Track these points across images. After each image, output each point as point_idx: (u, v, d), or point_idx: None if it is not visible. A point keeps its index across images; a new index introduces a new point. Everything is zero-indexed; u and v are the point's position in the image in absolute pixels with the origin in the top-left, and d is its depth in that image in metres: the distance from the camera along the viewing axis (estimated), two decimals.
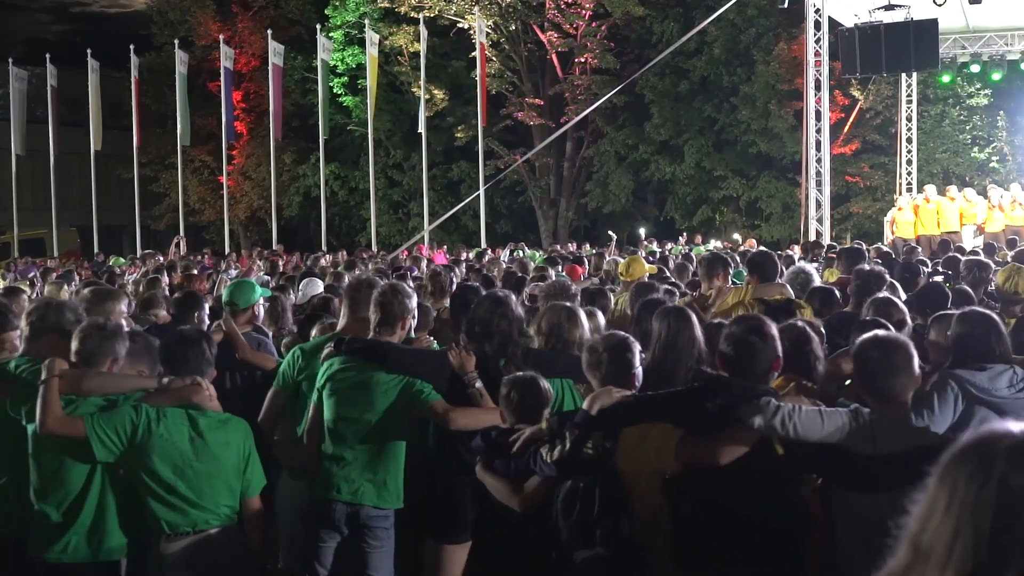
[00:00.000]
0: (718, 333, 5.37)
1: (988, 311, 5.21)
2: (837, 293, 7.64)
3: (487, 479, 4.62)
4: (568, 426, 4.20)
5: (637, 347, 4.59)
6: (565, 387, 5.25)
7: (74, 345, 4.77)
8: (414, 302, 5.55)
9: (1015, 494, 1.76)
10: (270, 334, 7.20)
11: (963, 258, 10.67)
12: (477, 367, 5.10)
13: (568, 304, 5.84)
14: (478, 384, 5.05)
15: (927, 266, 10.80)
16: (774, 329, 4.29)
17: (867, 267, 8.08)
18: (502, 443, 4.53)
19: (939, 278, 8.50)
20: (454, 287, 8.49)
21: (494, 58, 36.36)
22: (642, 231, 33.47)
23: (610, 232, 23.49)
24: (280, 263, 18.95)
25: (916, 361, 4.12)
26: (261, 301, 7.23)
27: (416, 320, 5.85)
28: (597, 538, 4.17)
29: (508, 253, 21.63)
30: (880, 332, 4.36)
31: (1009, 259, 11.72)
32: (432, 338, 6.03)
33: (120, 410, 4.55)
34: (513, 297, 5.50)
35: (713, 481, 3.96)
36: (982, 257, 10.67)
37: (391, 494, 5.19)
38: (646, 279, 9.00)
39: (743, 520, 3.91)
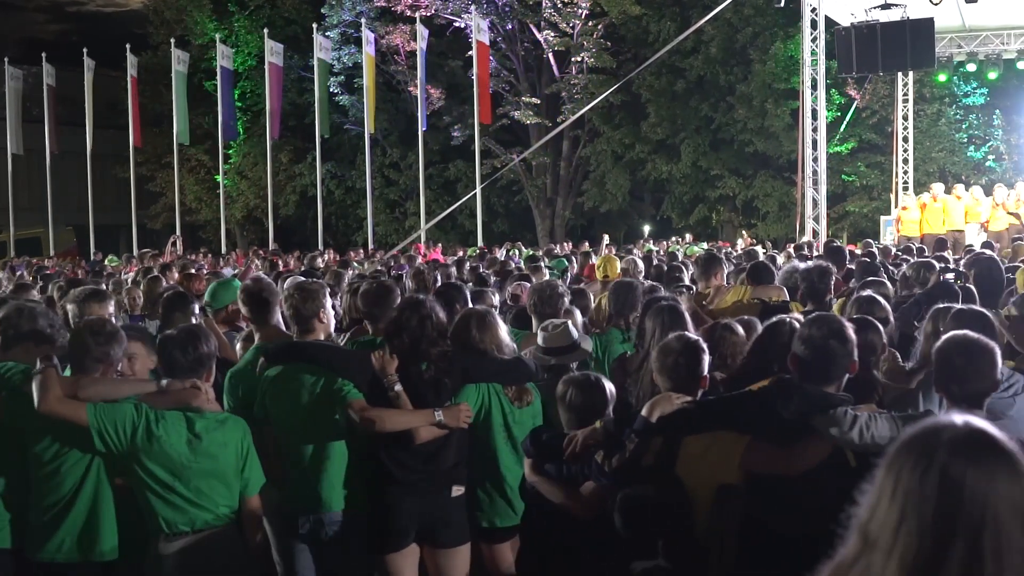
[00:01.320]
0: (724, 333, 5.37)
1: (984, 310, 5.20)
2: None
3: (540, 483, 4.53)
4: (627, 433, 4.05)
5: (705, 351, 4.43)
6: (492, 391, 5.25)
7: (71, 349, 4.75)
8: (326, 300, 5.49)
9: (955, 483, 1.82)
10: None
11: (911, 259, 10.71)
12: (399, 370, 5.06)
13: (481, 308, 5.82)
14: (398, 387, 5.00)
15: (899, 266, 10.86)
16: (852, 332, 4.08)
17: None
18: (555, 446, 4.43)
19: (950, 276, 8.49)
20: (438, 285, 8.46)
21: (491, 57, 36.36)
22: (647, 228, 33.46)
23: (604, 235, 23.50)
24: (280, 263, 18.95)
25: (1000, 364, 4.01)
26: None
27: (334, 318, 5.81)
28: (659, 549, 4.03)
29: (504, 252, 21.63)
30: (967, 333, 4.19)
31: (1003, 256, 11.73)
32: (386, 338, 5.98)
33: (122, 406, 4.52)
34: (432, 299, 5.46)
35: (782, 492, 3.80)
36: (929, 258, 10.65)
37: (333, 496, 5.14)
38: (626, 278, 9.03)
39: (811, 534, 3.72)
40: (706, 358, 4.37)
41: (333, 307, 5.91)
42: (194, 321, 6.79)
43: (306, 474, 5.14)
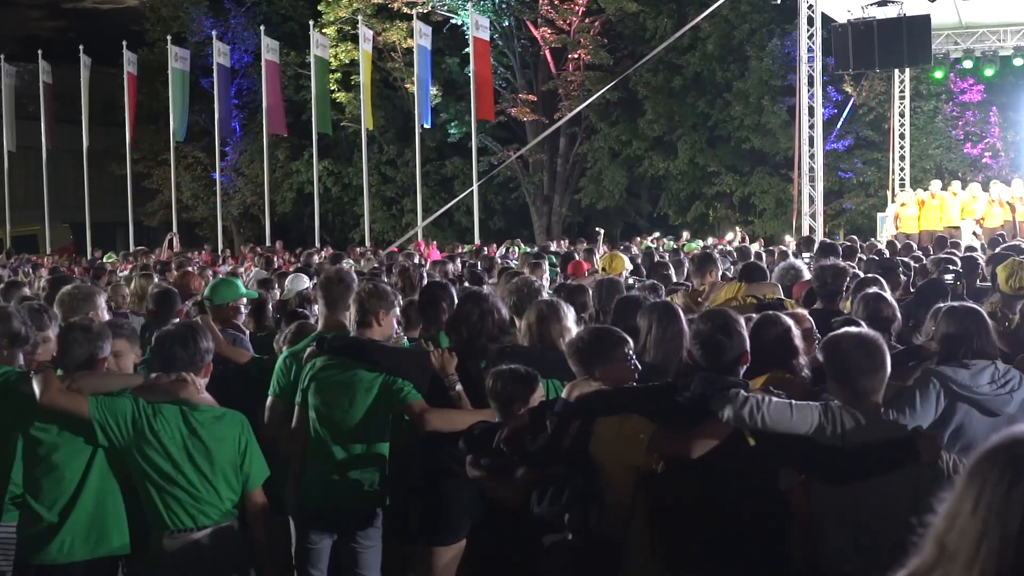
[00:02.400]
0: None
1: (976, 307, 5.20)
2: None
3: (477, 476, 4.62)
4: (548, 415, 4.20)
5: (626, 340, 4.56)
6: (552, 387, 5.24)
7: (60, 348, 4.75)
8: (395, 299, 5.51)
9: None
10: (247, 332, 7.17)
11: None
12: (458, 369, 5.06)
13: (551, 299, 5.82)
14: (458, 387, 5.02)
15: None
16: (741, 324, 4.29)
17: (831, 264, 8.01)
18: (488, 440, 4.52)
19: (949, 277, 8.49)
20: (424, 283, 8.44)
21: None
22: (649, 226, 33.40)
23: (597, 228, 23.48)
24: (276, 259, 18.94)
25: (889, 358, 4.10)
26: (244, 301, 7.22)
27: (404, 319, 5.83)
28: (566, 524, 4.21)
29: (504, 250, 21.63)
30: (855, 328, 4.34)
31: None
32: (404, 336, 6.00)
33: (121, 399, 4.53)
34: (493, 294, 5.47)
35: (686, 474, 3.96)
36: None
37: (377, 493, 5.18)
38: (613, 275, 9.04)
39: (717, 512, 3.91)
40: (624, 348, 4.50)
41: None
42: (177, 319, 6.82)
43: (342, 469, 5.14)
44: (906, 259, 11.16)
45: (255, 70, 37.07)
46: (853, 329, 4.31)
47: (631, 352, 4.55)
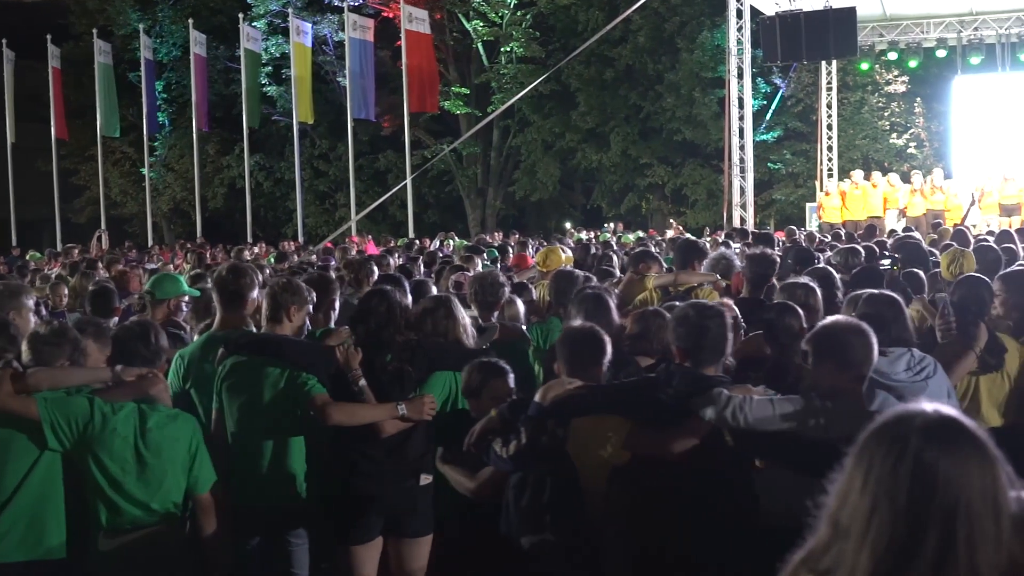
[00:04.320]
0: (654, 319, 5.44)
1: (893, 294, 5.23)
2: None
3: (445, 470, 4.66)
4: (522, 419, 4.17)
5: (606, 340, 4.55)
6: (458, 380, 5.25)
7: (25, 355, 4.68)
8: (308, 295, 5.47)
9: (929, 470, 1.84)
10: (188, 328, 7.10)
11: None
12: (363, 364, 5.07)
13: (443, 295, 5.85)
14: (362, 382, 5.01)
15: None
16: (729, 316, 4.28)
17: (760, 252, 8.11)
18: (460, 433, 4.53)
19: (886, 262, 8.69)
20: (375, 277, 8.42)
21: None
22: (567, 224, 33.56)
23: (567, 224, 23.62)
24: (207, 255, 18.73)
25: (876, 348, 4.09)
26: (186, 298, 7.14)
27: (335, 312, 5.80)
28: (546, 524, 4.18)
29: (438, 243, 21.61)
30: (842, 318, 4.34)
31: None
32: (350, 329, 5.98)
33: (75, 399, 4.46)
34: (396, 289, 5.47)
35: (663, 472, 3.95)
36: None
37: (297, 490, 5.15)
38: (566, 268, 9.08)
39: (693, 511, 3.91)
40: (608, 347, 4.47)
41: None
42: (115, 317, 6.73)
43: (262, 468, 5.11)
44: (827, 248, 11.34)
45: (184, 64, 36.57)
46: (843, 317, 4.33)
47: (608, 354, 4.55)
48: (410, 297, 6.12)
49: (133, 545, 4.48)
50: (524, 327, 6.74)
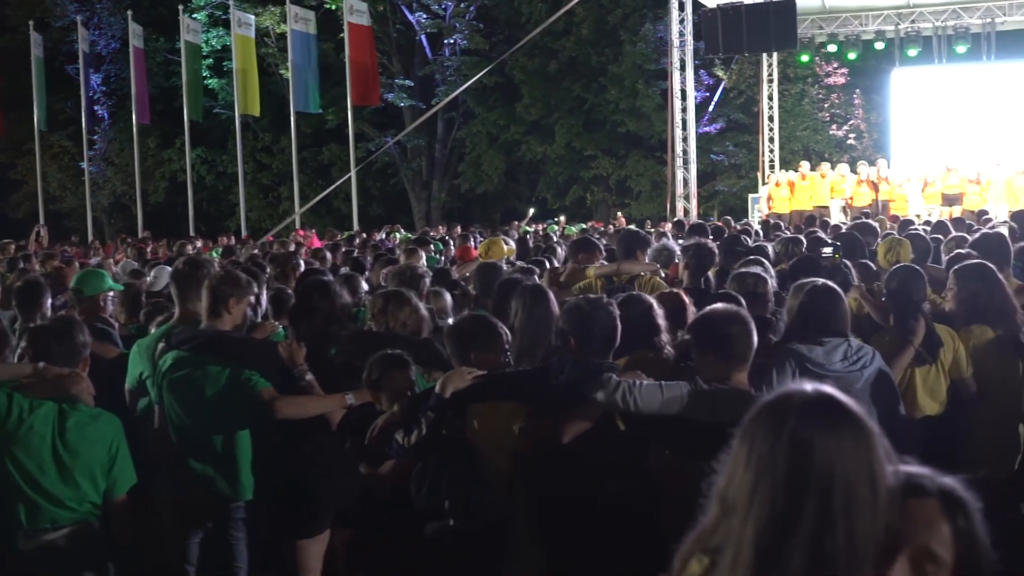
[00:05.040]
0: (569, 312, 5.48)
1: (832, 284, 5.30)
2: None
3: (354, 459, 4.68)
4: (422, 411, 4.22)
5: (499, 329, 4.62)
6: None
7: None
8: (249, 286, 5.43)
9: (805, 445, 1.92)
10: (116, 325, 7.01)
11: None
12: (309, 358, 5.05)
13: (396, 288, 5.85)
14: (308, 376, 5.01)
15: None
16: (614, 306, 4.36)
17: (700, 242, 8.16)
18: (361, 427, 4.55)
19: (828, 250, 8.78)
20: (301, 271, 8.33)
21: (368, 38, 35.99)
22: (531, 211, 33.52)
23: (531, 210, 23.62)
24: (147, 250, 18.52)
25: (755, 334, 4.19)
26: (111, 294, 7.06)
27: (263, 306, 5.77)
28: (447, 511, 4.25)
29: (384, 235, 21.54)
30: (727, 305, 4.42)
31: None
32: (278, 324, 5.94)
33: None
34: (337, 282, 5.47)
35: (558, 457, 4.01)
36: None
37: (243, 485, 5.13)
38: (503, 261, 9.08)
39: (590, 496, 3.96)
40: (497, 336, 4.55)
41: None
42: (48, 312, 6.62)
43: (204, 463, 5.07)
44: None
45: (123, 56, 36.05)
46: (721, 305, 4.40)
47: (507, 341, 4.61)
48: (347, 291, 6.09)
49: (53, 545, 4.41)
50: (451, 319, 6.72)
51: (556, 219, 28.54)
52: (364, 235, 21.21)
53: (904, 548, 1.94)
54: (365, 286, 8.02)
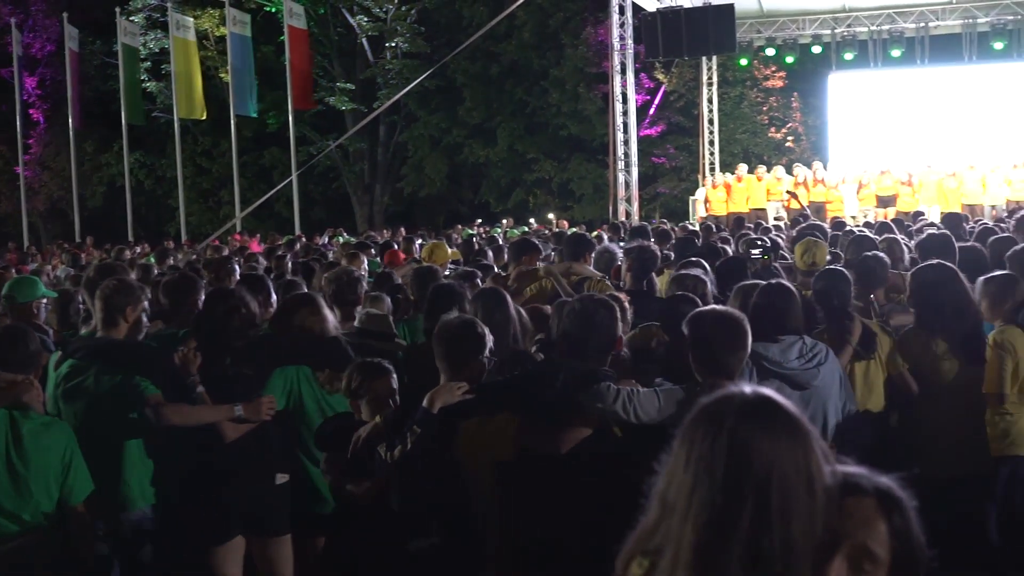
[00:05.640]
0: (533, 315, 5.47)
1: (786, 283, 5.37)
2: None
3: (330, 473, 4.63)
4: (408, 425, 4.12)
5: (486, 333, 4.48)
6: (301, 377, 5.24)
7: None
8: (142, 293, 5.39)
9: (743, 446, 1.94)
10: (50, 332, 6.92)
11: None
12: (203, 366, 5.02)
13: (304, 293, 5.82)
14: (200, 389, 4.98)
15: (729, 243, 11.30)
16: (617, 309, 4.23)
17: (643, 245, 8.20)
18: (340, 437, 4.50)
19: (756, 252, 8.92)
20: (236, 276, 8.26)
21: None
22: (479, 221, 33.47)
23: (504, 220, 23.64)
24: (83, 256, 18.27)
25: (750, 337, 4.09)
26: (44, 301, 6.96)
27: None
28: (433, 528, 4.16)
29: (327, 239, 21.44)
30: (719, 308, 4.38)
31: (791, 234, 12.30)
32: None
33: None
34: (241, 290, 5.43)
35: (552, 469, 3.89)
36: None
37: (135, 493, 5.10)
38: (449, 264, 9.07)
39: (582, 507, 3.82)
40: (485, 340, 4.42)
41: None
42: None
43: (105, 474, 5.02)
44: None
45: (59, 59, 35.52)
46: (717, 307, 4.37)
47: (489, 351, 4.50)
48: (275, 297, 6.06)
49: (3, 558, 4.35)
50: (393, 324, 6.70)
51: (501, 222, 28.55)
52: (303, 239, 21.09)
53: (841, 547, 1.96)
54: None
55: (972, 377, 5.60)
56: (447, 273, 8.91)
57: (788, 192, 21.50)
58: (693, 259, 7.82)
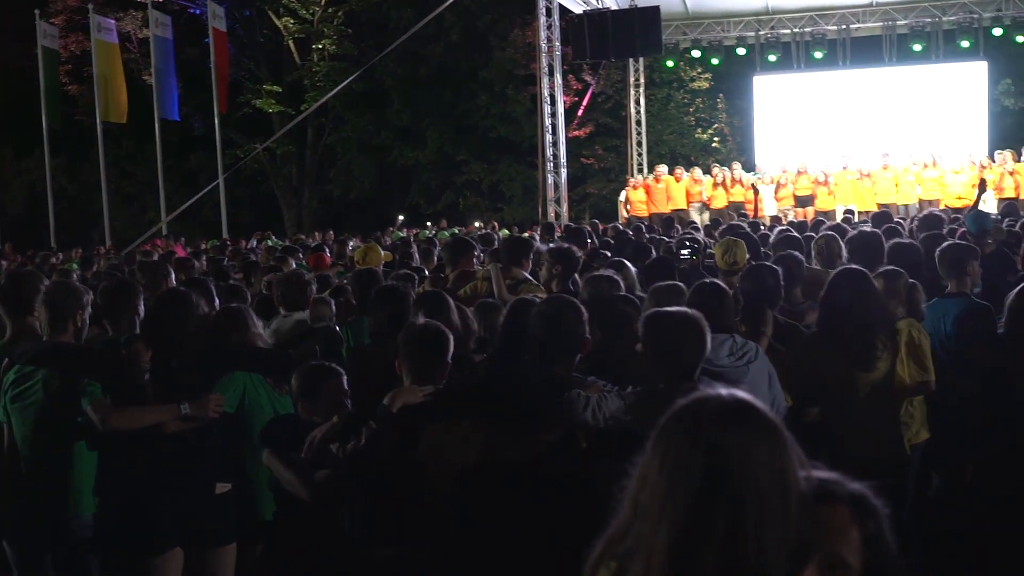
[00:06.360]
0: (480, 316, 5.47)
1: (717, 281, 5.40)
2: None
3: (277, 469, 4.52)
4: (367, 422, 4.08)
5: (451, 338, 4.44)
6: (255, 380, 5.24)
7: None
8: (86, 297, 5.32)
9: (720, 452, 1.91)
10: None
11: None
12: (152, 370, 4.98)
13: (236, 306, 5.79)
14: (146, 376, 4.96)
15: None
16: (583, 312, 4.22)
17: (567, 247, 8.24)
18: (288, 437, 4.46)
19: (685, 252, 9.03)
20: (172, 280, 8.18)
21: (229, 45, 35.37)
22: (400, 218, 33.41)
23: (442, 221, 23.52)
24: (4, 263, 17.90)
25: (709, 337, 4.08)
26: None
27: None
28: (398, 536, 4.07)
29: (255, 243, 21.24)
30: (680, 308, 4.33)
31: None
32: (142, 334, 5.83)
33: None
34: (195, 294, 5.42)
35: (518, 475, 3.83)
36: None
37: (84, 499, 5.04)
38: (382, 266, 9.06)
39: (548, 514, 3.75)
40: (450, 345, 4.37)
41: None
42: None
43: (50, 479, 4.95)
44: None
45: None
46: (678, 308, 4.31)
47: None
48: (217, 301, 6.02)
49: None
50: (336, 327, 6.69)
51: (432, 224, 28.53)
52: (229, 243, 20.88)
53: (815, 555, 1.94)
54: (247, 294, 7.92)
55: (866, 378, 5.60)
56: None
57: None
58: (615, 260, 7.92)
